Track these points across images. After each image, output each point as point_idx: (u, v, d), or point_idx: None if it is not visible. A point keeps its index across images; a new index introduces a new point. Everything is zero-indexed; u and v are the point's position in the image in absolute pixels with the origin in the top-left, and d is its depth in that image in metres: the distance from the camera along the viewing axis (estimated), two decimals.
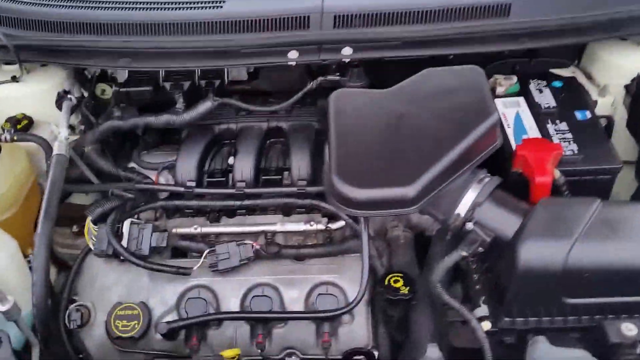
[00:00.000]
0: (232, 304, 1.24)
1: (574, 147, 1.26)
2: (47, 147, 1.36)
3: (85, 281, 1.29)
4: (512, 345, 1.11)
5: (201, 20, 1.30)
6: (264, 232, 1.34)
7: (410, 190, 1.06)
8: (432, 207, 1.15)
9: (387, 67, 1.37)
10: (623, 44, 1.46)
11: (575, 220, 1.05)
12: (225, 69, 1.43)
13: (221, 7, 1.31)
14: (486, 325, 1.09)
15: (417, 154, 1.10)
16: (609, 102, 1.44)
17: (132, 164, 1.50)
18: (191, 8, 1.31)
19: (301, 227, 1.32)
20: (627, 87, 1.42)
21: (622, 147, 1.37)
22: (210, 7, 1.31)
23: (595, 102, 1.43)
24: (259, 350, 1.19)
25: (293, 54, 1.30)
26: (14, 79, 1.47)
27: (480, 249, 1.13)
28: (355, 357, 1.10)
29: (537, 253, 1.03)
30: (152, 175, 1.45)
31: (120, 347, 1.21)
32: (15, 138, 1.34)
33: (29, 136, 1.36)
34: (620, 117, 1.45)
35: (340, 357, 1.18)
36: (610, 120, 1.44)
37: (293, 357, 1.17)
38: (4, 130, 1.35)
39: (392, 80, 1.38)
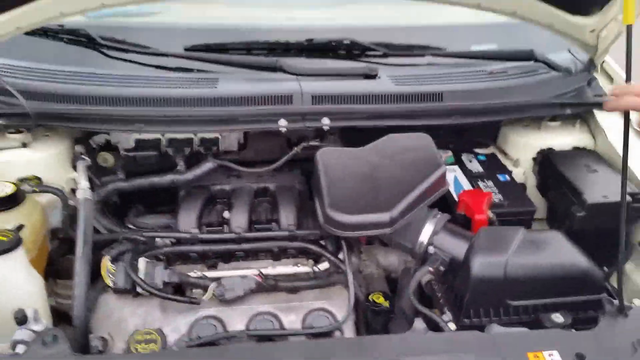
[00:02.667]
0: (238, 330, 1.57)
1: (500, 196, 1.83)
2: (64, 197, 1.69)
3: (100, 316, 1.56)
4: None
5: (198, 97, 1.77)
6: (259, 275, 1.70)
7: (388, 215, 1.54)
8: (401, 239, 1.63)
9: (356, 133, 1.89)
10: (526, 129, 2.13)
11: (509, 241, 1.56)
12: (220, 137, 1.88)
13: (215, 87, 1.81)
14: (452, 325, 1.53)
15: (390, 192, 1.60)
16: (521, 172, 2.08)
17: (129, 225, 1.83)
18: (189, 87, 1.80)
19: (290, 269, 1.71)
20: (534, 159, 2.05)
21: None
22: (205, 87, 1.80)
23: (511, 172, 2.04)
24: None
25: (282, 122, 1.79)
26: (24, 145, 1.81)
27: (442, 268, 1.59)
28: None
29: (484, 265, 1.51)
30: None
31: None
32: (36, 189, 1.66)
33: (48, 187, 1.69)
34: (531, 184, 2.07)
35: None
36: (523, 186, 2.05)
37: None
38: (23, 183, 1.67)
39: (361, 144, 1.90)
